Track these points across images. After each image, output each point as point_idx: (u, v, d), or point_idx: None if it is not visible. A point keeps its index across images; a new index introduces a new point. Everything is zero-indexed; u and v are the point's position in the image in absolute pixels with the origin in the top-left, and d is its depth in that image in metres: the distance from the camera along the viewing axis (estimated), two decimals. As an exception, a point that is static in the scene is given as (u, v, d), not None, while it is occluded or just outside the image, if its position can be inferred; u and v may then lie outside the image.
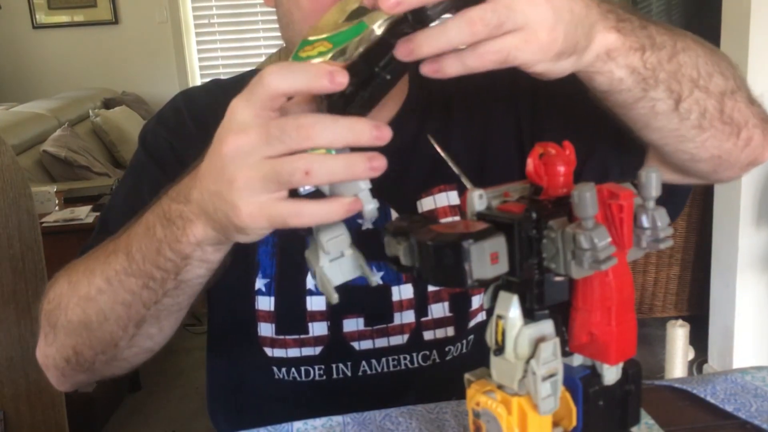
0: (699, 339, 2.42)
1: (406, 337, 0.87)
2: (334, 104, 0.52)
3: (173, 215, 0.61)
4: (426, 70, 0.53)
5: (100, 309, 0.70)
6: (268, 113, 0.51)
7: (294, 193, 0.52)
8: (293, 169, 0.49)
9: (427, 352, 0.88)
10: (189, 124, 0.88)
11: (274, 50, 4.05)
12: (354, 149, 0.50)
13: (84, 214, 2.35)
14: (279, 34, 0.84)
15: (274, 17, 0.85)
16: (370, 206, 0.54)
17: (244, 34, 4.88)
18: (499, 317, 0.49)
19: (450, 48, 0.52)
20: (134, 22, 4.84)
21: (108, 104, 4.29)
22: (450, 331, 0.88)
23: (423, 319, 0.87)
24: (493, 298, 0.50)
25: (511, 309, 0.48)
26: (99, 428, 2.35)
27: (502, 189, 0.50)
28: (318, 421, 0.72)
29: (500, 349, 0.49)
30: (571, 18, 0.56)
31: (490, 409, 0.50)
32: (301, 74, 0.50)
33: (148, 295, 0.67)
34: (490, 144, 0.89)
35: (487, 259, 0.45)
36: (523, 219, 0.46)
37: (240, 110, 0.52)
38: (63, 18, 4.85)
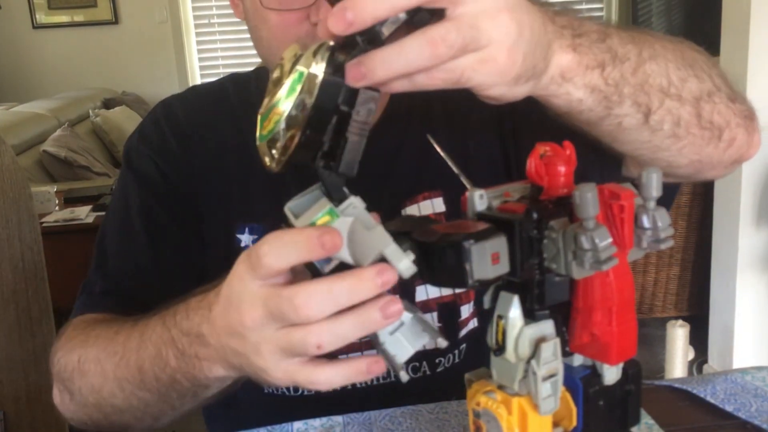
0: (699, 339, 2.42)
1: None
2: (324, 171, 0.48)
3: (188, 352, 0.59)
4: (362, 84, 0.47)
5: (114, 405, 0.70)
6: (275, 285, 0.49)
7: (316, 271, 0.50)
8: (305, 345, 0.48)
9: (417, 364, 0.87)
10: (171, 140, 0.88)
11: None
12: None
13: (84, 214, 2.35)
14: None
15: (274, 17, 0.85)
16: (403, 263, 0.47)
17: (244, 34, 4.83)
18: (500, 317, 0.49)
19: (408, 72, 0.48)
20: (134, 22, 4.84)
21: (108, 104, 4.29)
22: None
23: None
24: (494, 299, 0.50)
25: (512, 309, 0.48)
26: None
27: (503, 189, 0.50)
28: (318, 421, 0.72)
29: (501, 349, 0.49)
30: (531, 37, 0.51)
31: (491, 409, 0.50)
32: (293, 250, 0.47)
33: (165, 405, 0.66)
34: (472, 152, 0.87)
35: (488, 259, 0.45)
36: (524, 219, 0.46)
37: (248, 281, 0.50)
38: (63, 18, 4.85)
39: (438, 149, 0.64)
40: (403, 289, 0.85)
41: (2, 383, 1.11)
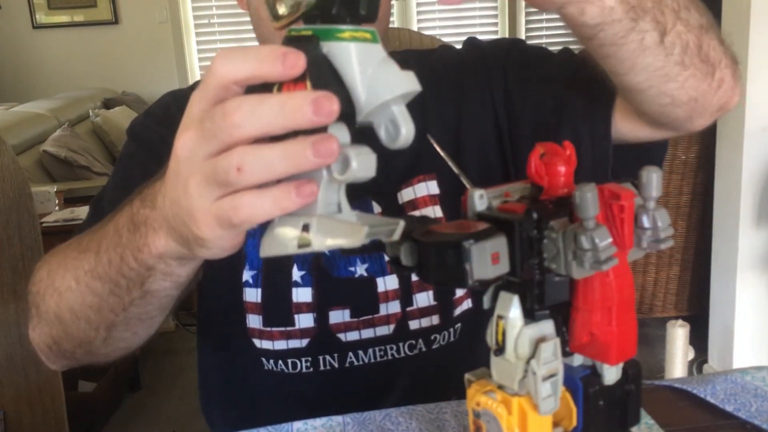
0: (699, 339, 2.42)
1: (392, 327, 0.88)
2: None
3: (139, 220, 0.56)
4: None
5: (71, 306, 0.67)
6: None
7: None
8: (227, 166, 0.42)
9: (413, 342, 0.88)
10: (178, 117, 0.87)
11: (274, 50, 4.04)
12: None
13: (84, 214, 2.35)
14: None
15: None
16: (359, 160, 0.42)
17: (244, 34, 4.88)
18: (500, 317, 0.49)
19: None
20: (134, 22, 4.84)
21: (108, 104, 4.29)
22: (435, 320, 0.88)
23: (408, 308, 0.88)
24: (494, 298, 0.50)
25: (512, 309, 0.48)
26: (99, 428, 2.35)
27: (503, 189, 0.50)
28: (318, 421, 0.72)
29: (501, 349, 0.49)
30: None
31: (491, 409, 0.50)
32: (250, 59, 0.42)
33: (115, 302, 0.63)
34: (465, 126, 0.89)
35: (488, 259, 0.45)
36: (524, 219, 0.46)
37: (194, 103, 0.46)
38: (63, 18, 4.85)
39: (438, 149, 0.64)
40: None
41: (2, 383, 1.11)
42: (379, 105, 0.42)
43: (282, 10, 0.43)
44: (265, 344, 0.87)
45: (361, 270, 0.87)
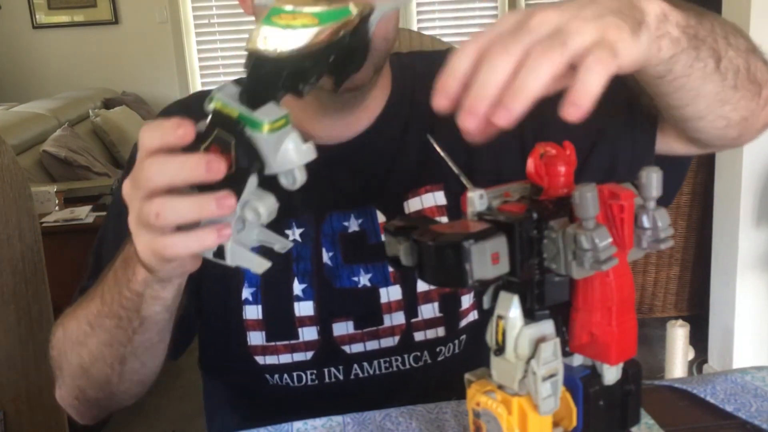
0: (699, 339, 2.42)
1: (396, 338, 0.87)
2: None
3: (127, 256, 0.65)
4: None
5: (90, 351, 0.74)
6: None
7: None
8: (148, 212, 0.53)
9: (419, 353, 0.88)
10: None
11: (274, 50, 4.04)
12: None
13: (84, 214, 2.35)
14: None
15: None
16: (265, 207, 0.53)
17: (244, 34, 4.85)
18: (500, 317, 0.49)
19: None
20: (134, 22, 4.84)
21: (108, 104, 4.29)
22: (441, 332, 0.88)
23: (413, 320, 0.87)
24: (494, 298, 0.50)
25: (512, 309, 0.48)
26: (99, 428, 2.35)
27: (503, 189, 0.50)
28: (318, 421, 0.72)
29: (500, 349, 0.49)
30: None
31: (491, 409, 0.50)
32: (179, 163, 0.52)
33: (122, 334, 0.70)
34: (484, 146, 0.87)
35: (488, 259, 0.45)
36: (524, 219, 0.46)
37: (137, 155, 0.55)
38: (63, 18, 4.85)
39: (438, 149, 0.64)
40: (408, 281, 0.86)
41: (2, 383, 1.11)
42: (284, 170, 0.53)
43: None
44: (270, 359, 0.87)
45: (364, 280, 0.86)
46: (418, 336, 0.87)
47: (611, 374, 0.51)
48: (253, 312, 0.86)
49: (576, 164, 0.49)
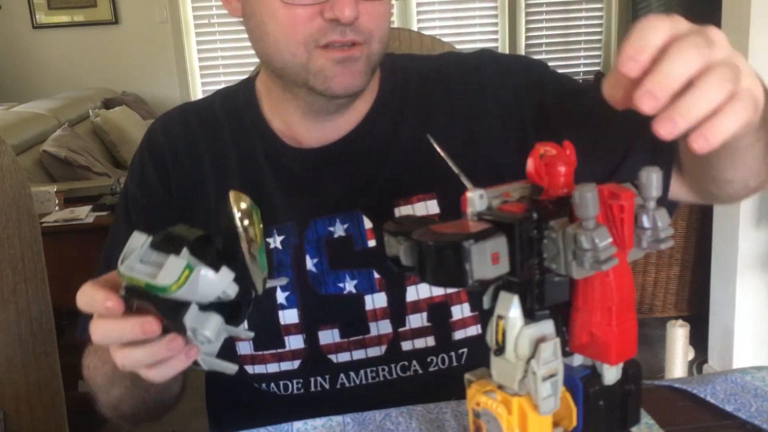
0: (699, 339, 2.42)
1: (383, 348, 0.86)
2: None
3: None
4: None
5: (115, 396, 0.80)
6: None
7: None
8: (116, 360, 0.61)
9: (406, 363, 0.87)
10: (158, 166, 0.91)
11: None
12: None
13: (84, 214, 2.35)
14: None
15: (274, 17, 0.84)
16: (210, 329, 0.57)
17: (244, 34, 4.83)
18: (500, 317, 0.49)
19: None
20: (134, 22, 4.84)
21: (108, 104, 4.29)
22: (430, 341, 0.87)
23: (401, 329, 0.86)
24: (494, 298, 0.50)
25: (512, 309, 0.48)
26: (99, 428, 2.35)
27: (503, 189, 0.50)
28: (318, 421, 0.72)
29: (500, 350, 0.49)
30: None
31: (491, 409, 0.50)
32: (119, 328, 0.59)
33: (137, 392, 0.77)
34: (479, 144, 0.86)
35: (488, 259, 0.45)
36: (523, 219, 0.46)
37: None
38: (63, 18, 4.85)
39: (438, 149, 0.64)
40: (395, 289, 0.85)
41: (2, 383, 1.11)
42: (214, 297, 0.57)
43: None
44: (258, 369, 0.87)
45: (350, 287, 0.85)
46: (406, 345, 0.86)
47: (611, 374, 0.51)
48: None
49: (576, 164, 0.49)
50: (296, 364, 0.86)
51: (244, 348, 0.86)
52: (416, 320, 0.86)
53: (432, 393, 0.77)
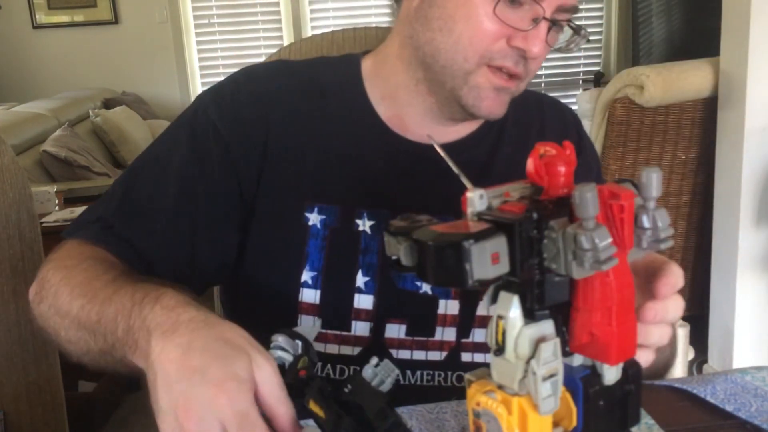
0: (699, 339, 2.42)
1: (443, 354, 0.87)
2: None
3: (132, 334, 0.63)
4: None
5: (68, 336, 0.74)
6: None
7: None
8: None
9: (462, 374, 0.87)
10: (246, 107, 0.86)
11: (273, 50, 4.04)
12: None
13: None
14: (279, 34, 0.83)
15: (274, 17, 0.84)
16: None
17: (244, 34, 4.87)
18: (500, 317, 0.49)
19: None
20: (134, 22, 4.84)
21: (108, 104, 4.29)
22: (489, 358, 0.87)
23: (464, 340, 0.87)
24: (494, 298, 0.50)
25: (512, 309, 0.48)
26: (99, 428, 2.35)
27: (503, 189, 0.50)
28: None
29: (500, 350, 0.49)
30: None
31: (491, 409, 0.50)
32: None
33: (102, 358, 0.70)
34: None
35: (488, 259, 0.45)
36: (523, 219, 0.46)
37: (196, 385, 0.56)
38: (63, 18, 4.85)
39: (438, 149, 0.64)
40: (469, 300, 0.87)
41: (2, 383, 1.11)
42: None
43: None
44: (317, 347, 0.85)
45: (426, 287, 0.86)
46: (466, 357, 0.87)
47: (611, 374, 0.51)
48: (310, 296, 0.85)
49: (576, 164, 0.49)
50: (357, 350, 0.86)
51: (307, 322, 0.86)
52: (481, 335, 0.87)
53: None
